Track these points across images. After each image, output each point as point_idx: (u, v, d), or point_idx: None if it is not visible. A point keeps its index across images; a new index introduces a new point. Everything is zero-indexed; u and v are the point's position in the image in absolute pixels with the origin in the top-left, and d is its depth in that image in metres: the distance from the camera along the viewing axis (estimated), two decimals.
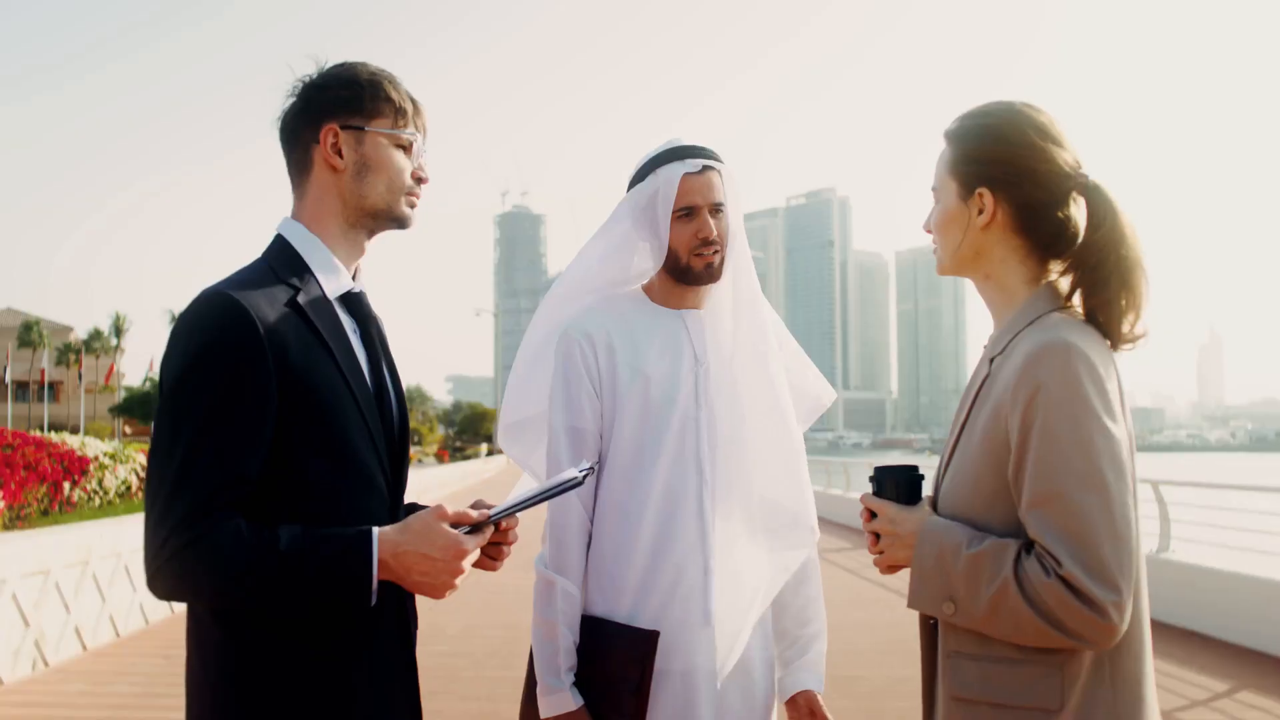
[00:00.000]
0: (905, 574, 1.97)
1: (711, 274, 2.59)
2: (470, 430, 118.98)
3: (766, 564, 2.62)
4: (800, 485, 2.67)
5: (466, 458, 74.56)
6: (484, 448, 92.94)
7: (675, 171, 2.58)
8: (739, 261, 2.65)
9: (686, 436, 2.56)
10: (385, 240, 2.13)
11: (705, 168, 2.59)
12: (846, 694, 6.88)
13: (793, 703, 2.63)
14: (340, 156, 2.02)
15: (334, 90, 2.02)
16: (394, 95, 2.06)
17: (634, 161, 2.72)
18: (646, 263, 2.71)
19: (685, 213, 2.57)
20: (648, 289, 2.71)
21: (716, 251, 2.58)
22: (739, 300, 2.64)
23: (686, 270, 2.59)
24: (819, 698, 2.63)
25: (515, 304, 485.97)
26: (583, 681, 2.50)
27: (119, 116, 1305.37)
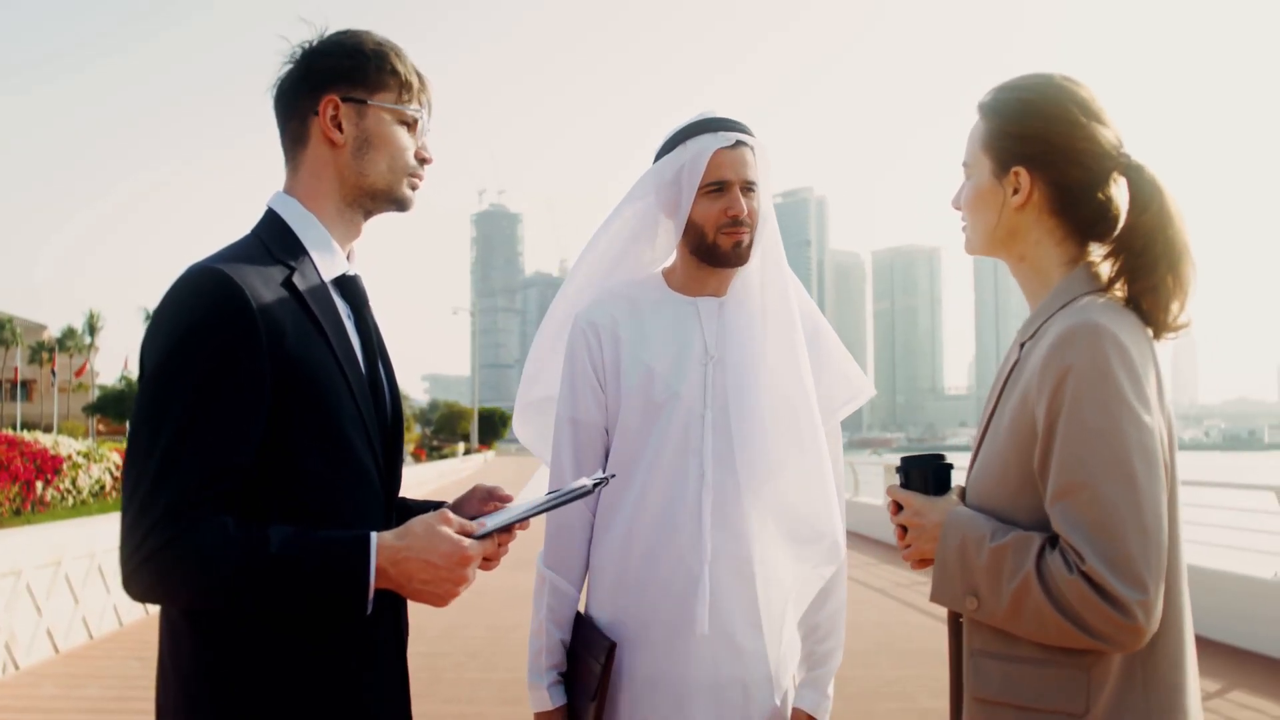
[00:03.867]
0: (890, 574, 1.88)
1: (740, 255, 2.43)
2: (447, 429, 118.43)
3: (789, 577, 2.48)
4: (824, 496, 2.49)
5: (443, 457, 74.14)
6: (460, 447, 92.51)
7: (707, 144, 2.43)
8: (768, 246, 2.50)
9: (690, 434, 2.42)
10: (361, 235, 2.01)
11: (738, 143, 2.44)
12: (837, 695, 6.74)
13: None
14: (340, 130, 1.88)
15: (335, 59, 1.89)
16: (400, 68, 1.92)
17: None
18: (668, 241, 2.56)
19: (715, 188, 2.41)
20: (668, 273, 2.56)
21: (746, 231, 2.42)
22: (767, 288, 2.49)
23: (713, 249, 2.43)
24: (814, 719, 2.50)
25: (492, 303, 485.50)
26: (570, 681, 2.46)
27: (104, 116, 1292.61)
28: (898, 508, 1.92)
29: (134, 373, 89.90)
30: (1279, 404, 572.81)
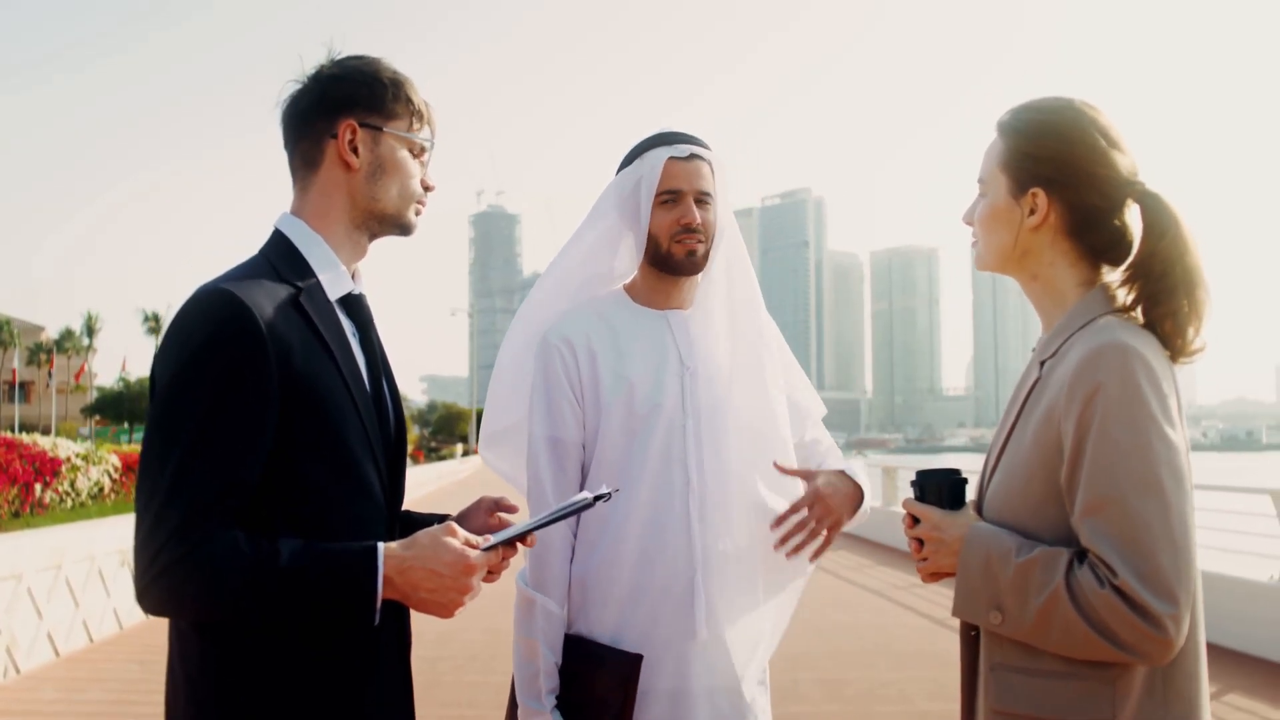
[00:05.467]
0: (887, 576, 1.89)
1: (694, 264, 2.49)
2: (445, 430, 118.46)
3: (760, 582, 2.52)
4: (792, 498, 2.53)
5: (442, 458, 74.14)
6: (459, 448, 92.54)
7: (660, 155, 2.50)
8: (731, 258, 2.55)
9: (673, 445, 2.46)
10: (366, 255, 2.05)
11: (693, 155, 2.49)
12: (834, 697, 6.82)
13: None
14: (356, 154, 1.92)
15: (354, 84, 1.93)
16: (413, 98, 1.98)
17: (618, 156, 2.60)
18: (631, 256, 2.60)
19: (669, 198, 2.47)
20: (630, 288, 2.60)
21: (701, 241, 2.47)
22: (735, 300, 2.54)
23: (668, 258, 2.48)
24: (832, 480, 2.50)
25: (490, 304, 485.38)
26: (566, 704, 2.40)
27: (100, 117, 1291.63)
28: (914, 521, 1.94)
29: (132, 374, 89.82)
30: (1277, 405, 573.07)
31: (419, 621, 2.02)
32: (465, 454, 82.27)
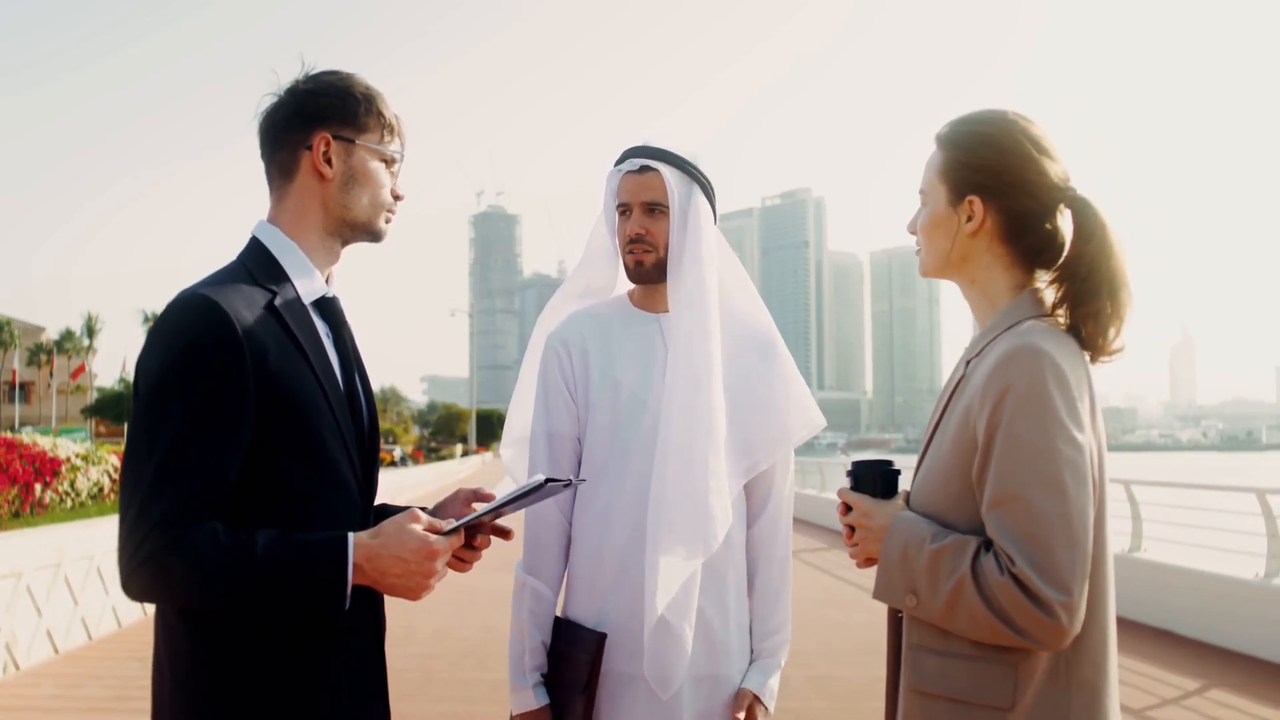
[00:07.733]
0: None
1: (643, 273, 2.58)
2: (445, 430, 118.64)
3: (733, 572, 2.60)
4: (696, 492, 2.45)
5: (442, 458, 74.15)
6: (459, 448, 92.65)
7: (618, 171, 2.62)
8: (688, 266, 2.54)
9: (658, 440, 2.53)
10: (339, 260, 2.14)
11: (644, 167, 2.57)
12: (823, 694, 6.90)
13: (736, 697, 2.54)
14: (329, 165, 2.02)
15: (328, 98, 2.03)
16: (385, 112, 2.08)
17: (616, 157, 2.70)
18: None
19: (623, 211, 2.59)
20: (630, 293, 2.72)
21: (648, 250, 2.56)
22: (688, 304, 2.54)
23: (626, 267, 2.61)
24: (758, 701, 2.54)
25: (490, 304, 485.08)
26: (552, 683, 2.53)
27: (96, 118, 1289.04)
28: (847, 509, 2.04)
29: (132, 375, 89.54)
30: (1277, 404, 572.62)
31: (415, 619, 2.12)
32: (465, 454, 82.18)
